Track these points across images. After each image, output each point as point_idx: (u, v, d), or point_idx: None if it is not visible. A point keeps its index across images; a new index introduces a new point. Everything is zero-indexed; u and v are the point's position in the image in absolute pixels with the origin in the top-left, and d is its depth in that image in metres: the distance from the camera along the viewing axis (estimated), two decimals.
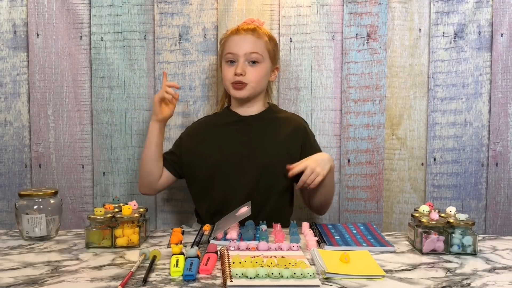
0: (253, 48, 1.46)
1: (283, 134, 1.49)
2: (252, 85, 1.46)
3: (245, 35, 1.47)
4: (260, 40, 1.48)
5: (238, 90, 1.47)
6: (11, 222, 1.73)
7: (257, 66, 1.47)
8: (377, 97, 1.73)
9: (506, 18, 1.69)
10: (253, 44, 1.46)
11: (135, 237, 1.14)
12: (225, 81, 1.50)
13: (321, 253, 1.07)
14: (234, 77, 1.45)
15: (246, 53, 1.45)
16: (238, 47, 1.46)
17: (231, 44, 1.48)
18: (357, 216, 1.75)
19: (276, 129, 1.50)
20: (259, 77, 1.47)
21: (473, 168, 1.74)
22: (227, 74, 1.48)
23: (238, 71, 1.44)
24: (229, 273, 0.92)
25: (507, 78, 1.71)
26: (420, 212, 1.20)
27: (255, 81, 1.47)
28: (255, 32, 1.48)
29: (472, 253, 1.11)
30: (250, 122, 1.51)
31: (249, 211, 1.20)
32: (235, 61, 1.47)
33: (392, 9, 1.71)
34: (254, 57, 1.46)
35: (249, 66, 1.46)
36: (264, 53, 1.48)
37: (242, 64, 1.45)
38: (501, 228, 1.75)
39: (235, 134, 1.50)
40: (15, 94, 1.73)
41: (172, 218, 1.77)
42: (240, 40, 1.47)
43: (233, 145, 1.48)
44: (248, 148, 1.46)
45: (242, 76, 1.45)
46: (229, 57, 1.47)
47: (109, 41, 1.72)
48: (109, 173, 1.75)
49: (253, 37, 1.47)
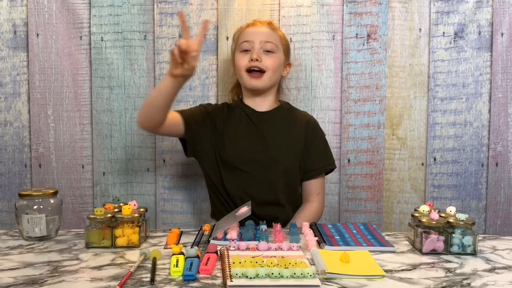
0: (268, 37, 1.47)
1: (294, 132, 1.50)
2: (268, 74, 1.45)
3: (261, 26, 1.50)
4: (275, 32, 1.50)
5: (254, 79, 1.45)
6: (11, 222, 1.73)
7: (272, 55, 1.47)
8: (377, 97, 1.73)
9: (506, 18, 1.69)
10: (268, 35, 1.47)
11: (135, 237, 1.14)
12: (239, 71, 1.48)
13: (321, 253, 1.07)
14: (250, 63, 1.44)
15: (262, 41, 1.46)
16: (253, 35, 1.47)
17: (246, 34, 1.48)
18: (357, 216, 1.75)
19: (288, 126, 1.50)
20: (275, 65, 1.47)
21: (473, 168, 1.74)
22: (241, 61, 1.47)
23: (254, 56, 1.44)
24: (229, 273, 0.92)
25: (507, 78, 1.71)
26: (420, 212, 1.20)
27: (272, 69, 1.46)
28: (271, 25, 1.51)
29: (472, 253, 1.11)
30: (264, 118, 1.50)
31: (249, 211, 1.20)
32: (250, 49, 1.46)
33: (392, 9, 1.71)
34: (269, 47, 1.46)
35: (264, 54, 1.46)
36: (278, 44, 1.49)
37: (258, 51, 1.45)
38: (501, 228, 1.75)
39: (249, 128, 1.49)
40: (15, 94, 1.73)
41: (172, 218, 1.77)
42: (255, 30, 1.48)
43: (246, 139, 1.47)
44: (260, 144, 1.47)
45: (258, 62, 1.44)
46: (245, 46, 1.47)
47: (109, 41, 1.72)
48: (109, 173, 1.75)
49: (268, 28, 1.49)
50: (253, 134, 1.48)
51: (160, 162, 1.75)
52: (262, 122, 1.50)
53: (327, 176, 1.67)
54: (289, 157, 1.47)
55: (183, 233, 1.26)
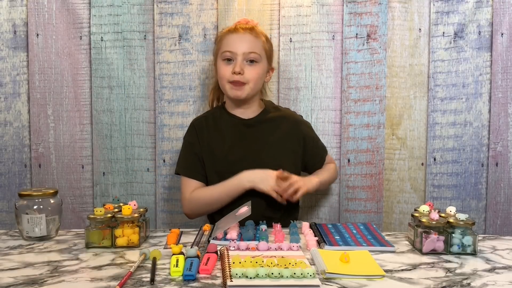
0: (251, 47, 1.44)
1: (283, 133, 1.50)
2: (250, 85, 1.44)
3: (243, 34, 1.45)
4: (258, 39, 1.46)
5: (236, 90, 1.44)
6: (11, 222, 1.73)
7: (255, 66, 1.45)
8: (377, 97, 1.73)
9: (506, 18, 1.69)
10: (251, 44, 1.44)
11: (135, 237, 1.14)
12: (221, 80, 1.47)
13: (321, 253, 1.07)
14: (232, 76, 1.43)
15: (245, 52, 1.43)
16: (236, 45, 1.44)
17: (229, 42, 1.45)
18: (357, 216, 1.75)
19: (276, 129, 1.50)
20: (257, 76, 1.46)
21: (473, 168, 1.74)
22: (224, 72, 1.45)
23: (236, 69, 1.42)
24: (229, 273, 0.92)
25: (507, 78, 1.71)
26: (420, 212, 1.20)
27: (254, 80, 1.45)
28: (253, 31, 1.46)
29: (472, 253, 1.11)
30: (252, 125, 1.50)
31: (249, 211, 1.20)
32: (233, 59, 1.44)
33: (392, 9, 1.71)
34: (252, 57, 1.44)
35: (247, 65, 1.45)
36: (261, 53, 1.46)
37: (240, 63, 1.43)
38: (501, 228, 1.75)
39: (238, 138, 1.49)
40: (15, 94, 1.73)
41: (172, 218, 1.77)
42: (238, 39, 1.45)
43: (237, 150, 1.47)
44: (252, 152, 1.46)
45: (241, 75, 1.43)
46: (227, 55, 1.45)
47: (109, 41, 1.72)
48: (109, 173, 1.75)
49: (251, 36, 1.45)
50: (243, 143, 1.48)
51: (160, 162, 1.75)
52: (250, 130, 1.49)
53: None
54: (282, 158, 1.46)
55: (183, 233, 1.26)
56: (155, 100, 1.74)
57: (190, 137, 1.52)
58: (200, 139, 1.49)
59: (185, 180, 1.48)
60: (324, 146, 1.62)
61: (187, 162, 1.50)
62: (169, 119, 1.74)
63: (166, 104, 1.74)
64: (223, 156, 1.46)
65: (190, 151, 1.50)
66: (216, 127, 1.51)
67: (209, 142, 1.48)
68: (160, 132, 1.74)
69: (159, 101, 1.73)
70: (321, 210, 1.77)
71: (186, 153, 1.52)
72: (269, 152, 1.46)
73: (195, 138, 1.50)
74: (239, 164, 1.43)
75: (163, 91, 1.73)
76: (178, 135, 1.74)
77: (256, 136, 1.49)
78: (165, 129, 1.74)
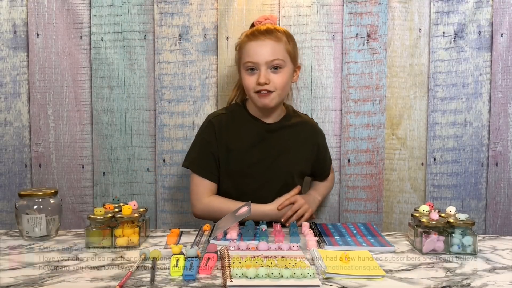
0: (274, 54, 1.37)
1: (301, 140, 1.50)
2: (278, 93, 1.39)
3: (264, 40, 1.38)
4: (280, 43, 1.39)
5: (263, 99, 1.39)
6: (11, 222, 1.73)
7: (280, 72, 1.39)
8: (377, 97, 1.73)
9: (506, 18, 1.69)
10: (273, 50, 1.37)
11: (135, 237, 1.14)
12: (248, 91, 1.42)
13: (321, 253, 1.07)
14: (257, 86, 1.37)
15: (268, 61, 1.37)
16: (258, 55, 1.37)
17: (249, 52, 1.39)
18: (357, 216, 1.75)
19: (295, 135, 1.49)
20: (284, 82, 1.40)
21: (473, 168, 1.74)
22: (249, 83, 1.39)
23: (261, 80, 1.36)
24: (229, 273, 0.92)
25: (507, 78, 1.71)
26: (420, 212, 1.20)
27: (281, 87, 1.39)
28: (273, 35, 1.39)
29: (472, 253, 1.11)
30: (274, 130, 1.47)
31: (249, 211, 1.20)
32: (256, 69, 1.38)
33: (392, 9, 1.71)
34: (276, 63, 1.38)
35: (272, 73, 1.38)
36: (285, 57, 1.39)
37: (264, 73, 1.37)
38: (501, 228, 1.75)
39: (258, 142, 1.46)
40: (15, 94, 1.73)
41: (172, 218, 1.77)
42: (259, 47, 1.38)
43: (255, 153, 1.45)
44: (269, 156, 1.45)
45: (267, 84, 1.37)
46: (249, 66, 1.39)
47: (109, 41, 1.72)
48: (109, 173, 1.75)
49: (272, 41, 1.38)
50: (261, 147, 1.46)
51: (160, 162, 1.75)
52: (271, 135, 1.47)
53: None
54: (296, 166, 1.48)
55: (183, 233, 1.26)
56: (155, 100, 1.74)
57: (207, 135, 1.45)
58: (218, 138, 1.44)
59: (198, 179, 1.44)
60: (330, 157, 1.65)
61: (202, 161, 1.44)
62: (169, 119, 1.74)
63: (166, 104, 1.74)
64: (240, 158, 1.43)
65: (206, 150, 1.44)
66: (236, 127, 1.46)
67: (227, 142, 1.44)
68: (160, 132, 1.74)
69: (159, 101, 1.73)
70: (321, 210, 1.77)
71: (201, 151, 1.46)
72: (285, 158, 1.46)
73: (212, 137, 1.44)
74: (254, 167, 1.43)
75: (163, 91, 1.73)
76: (178, 135, 1.74)
77: (276, 141, 1.47)
78: (165, 129, 1.74)
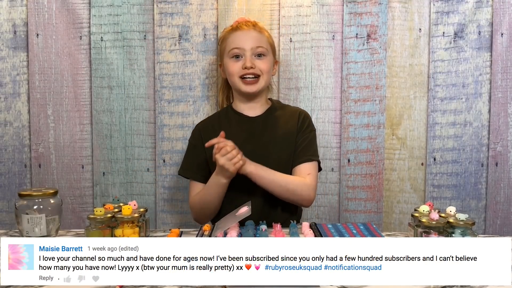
0: (258, 42, 1.47)
1: (289, 127, 1.49)
2: (264, 78, 1.47)
3: (248, 30, 1.48)
4: (263, 34, 1.50)
5: (250, 85, 1.46)
6: (11, 222, 1.73)
7: (263, 59, 1.47)
8: (377, 97, 1.73)
9: (506, 18, 1.69)
10: (257, 39, 1.47)
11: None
12: (232, 77, 1.48)
13: None
14: (243, 71, 1.45)
15: (253, 47, 1.46)
16: (243, 41, 1.46)
17: (235, 40, 1.47)
18: (357, 216, 1.75)
19: (282, 124, 1.50)
20: (268, 68, 1.48)
21: (473, 168, 1.74)
22: (234, 68, 1.47)
23: (248, 64, 1.44)
24: None
25: (507, 78, 1.71)
26: (420, 212, 1.20)
27: (266, 72, 1.47)
28: (257, 27, 1.50)
29: None
30: (259, 122, 1.50)
31: (249, 211, 1.20)
32: (241, 56, 1.46)
33: (392, 9, 1.71)
34: (260, 51, 1.47)
35: (257, 59, 1.47)
36: (267, 46, 1.49)
37: (250, 58, 1.45)
38: (501, 228, 1.75)
39: (246, 135, 1.48)
40: (15, 94, 1.73)
41: (172, 218, 1.77)
42: (244, 35, 1.47)
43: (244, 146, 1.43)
44: (259, 147, 1.46)
45: (253, 68, 1.45)
46: (235, 52, 1.46)
47: (109, 41, 1.72)
48: (109, 173, 1.75)
49: (256, 31, 1.49)
50: (250, 140, 1.47)
51: (160, 162, 1.75)
52: (257, 127, 1.49)
53: (327, 176, 1.68)
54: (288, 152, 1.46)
55: (183, 233, 1.26)
56: (155, 100, 1.74)
57: (193, 139, 1.53)
58: (205, 141, 1.44)
59: (190, 183, 1.50)
60: (314, 153, 1.48)
61: (191, 165, 1.51)
62: (169, 119, 1.74)
63: (166, 104, 1.74)
64: None
65: (194, 154, 1.51)
66: (223, 126, 1.50)
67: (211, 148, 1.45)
68: (160, 132, 1.74)
69: (159, 101, 1.73)
70: (321, 210, 1.77)
71: (189, 155, 1.53)
72: (275, 147, 1.47)
73: (198, 140, 1.49)
74: None
75: (163, 91, 1.73)
76: (178, 135, 1.74)
77: (263, 132, 1.49)
78: (165, 129, 1.74)
